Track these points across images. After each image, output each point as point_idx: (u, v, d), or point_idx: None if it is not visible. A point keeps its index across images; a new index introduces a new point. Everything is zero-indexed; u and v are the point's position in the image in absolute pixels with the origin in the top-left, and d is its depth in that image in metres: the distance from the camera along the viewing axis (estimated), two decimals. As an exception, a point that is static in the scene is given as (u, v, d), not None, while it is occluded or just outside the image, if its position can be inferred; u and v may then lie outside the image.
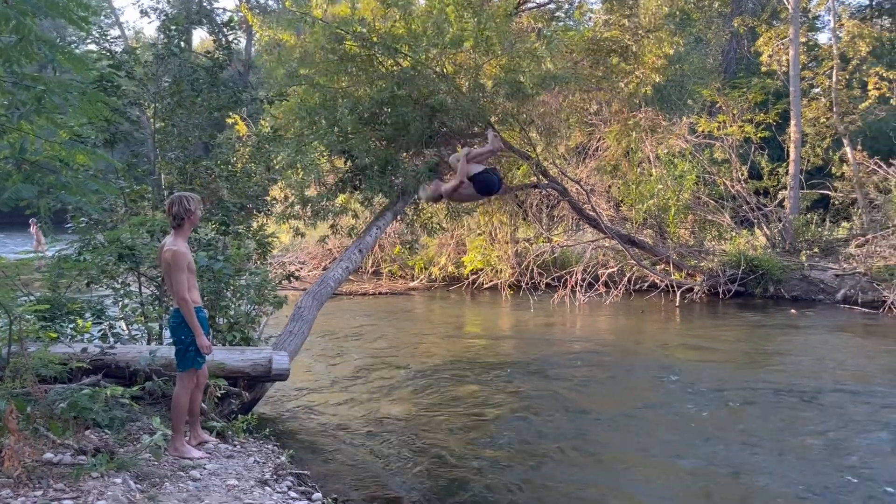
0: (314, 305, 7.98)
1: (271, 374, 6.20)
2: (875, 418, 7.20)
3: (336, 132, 10.61)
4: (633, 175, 16.60)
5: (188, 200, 5.06)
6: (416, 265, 18.27)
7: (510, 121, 12.33)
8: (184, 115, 7.75)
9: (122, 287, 6.97)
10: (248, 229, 8.02)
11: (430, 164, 10.77)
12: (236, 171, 7.99)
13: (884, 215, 16.42)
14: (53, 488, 3.97)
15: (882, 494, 5.34)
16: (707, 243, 17.53)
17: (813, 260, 16.46)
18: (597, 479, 5.74)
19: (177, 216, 5.00)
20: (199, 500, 4.24)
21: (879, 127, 22.12)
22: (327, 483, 5.36)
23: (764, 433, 6.77)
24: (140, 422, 5.30)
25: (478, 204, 14.12)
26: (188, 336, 4.94)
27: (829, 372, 9.19)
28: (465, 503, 5.19)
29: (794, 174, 18.71)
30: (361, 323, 12.94)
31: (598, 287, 15.34)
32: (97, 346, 5.83)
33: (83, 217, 7.07)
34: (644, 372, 9.32)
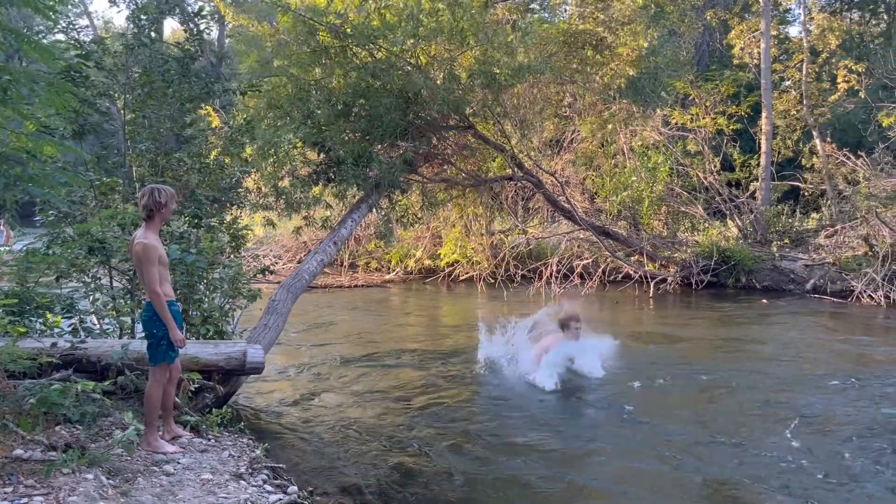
0: (289, 298, 7.94)
1: (246, 368, 6.16)
2: (841, 409, 7.34)
3: (310, 124, 10.54)
4: (608, 167, 16.72)
5: (159, 193, 4.98)
6: (393, 258, 18.24)
7: (485, 112, 12.34)
8: (155, 107, 7.65)
9: (92, 281, 6.87)
10: (221, 222, 7.95)
11: (405, 155, 10.74)
12: (209, 164, 7.90)
13: (852, 206, 16.69)
14: (24, 484, 3.92)
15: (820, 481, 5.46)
16: (680, 234, 17.73)
17: (784, 250, 16.71)
18: (556, 470, 5.79)
19: (146, 208, 4.92)
20: (173, 494, 4.20)
21: (848, 119, 22.48)
22: (303, 476, 5.34)
23: (727, 421, 6.87)
24: (112, 417, 5.24)
25: (452, 196, 14.16)
26: (160, 330, 4.89)
27: (795, 361, 9.34)
28: (440, 493, 5.21)
29: (766, 166, 18.94)
30: (337, 316, 12.90)
31: (573, 278, 15.46)
32: (67, 341, 5.75)
33: (52, 210, 6.95)
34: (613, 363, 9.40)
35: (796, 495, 5.13)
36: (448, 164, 13.13)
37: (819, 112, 20.81)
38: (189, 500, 4.14)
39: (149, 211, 4.94)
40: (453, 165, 13.18)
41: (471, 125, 12.45)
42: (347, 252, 18.50)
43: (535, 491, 5.32)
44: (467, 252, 17.09)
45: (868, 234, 14.92)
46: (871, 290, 13.89)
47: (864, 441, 6.27)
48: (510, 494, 5.28)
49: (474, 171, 13.84)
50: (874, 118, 19.18)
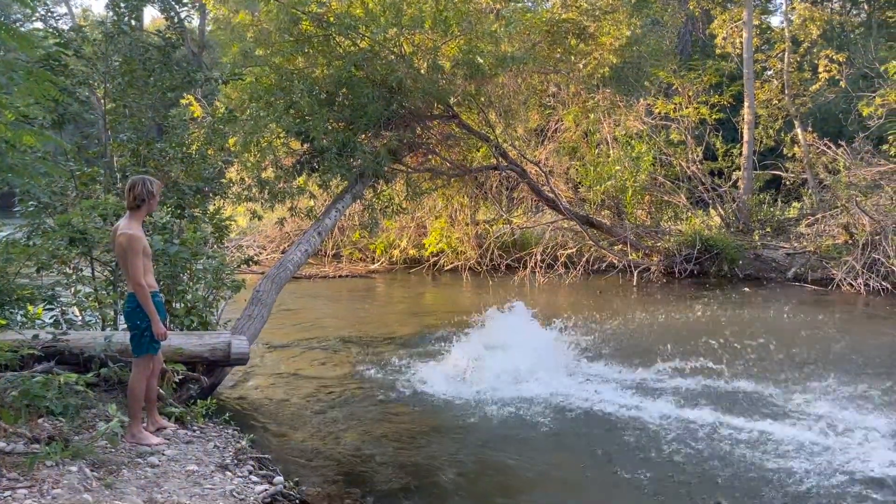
0: (273, 289, 7.91)
1: (230, 359, 6.14)
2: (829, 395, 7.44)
3: (293, 113, 10.47)
4: (591, 156, 16.77)
5: (151, 183, 4.98)
6: (377, 248, 18.21)
7: (469, 102, 12.32)
8: (136, 96, 7.57)
9: (74, 272, 6.81)
10: (204, 212, 7.90)
11: (389, 145, 10.71)
12: (191, 153, 7.84)
13: (832, 195, 16.85)
14: (7, 477, 3.89)
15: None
16: (663, 224, 17.83)
17: (765, 239, 16.86)
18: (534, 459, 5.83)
19: (138, 197, 4.89)
20: (158, 486, 4.19)
21: (829, 109, 22.67)
22: (288, 466, 5.34)
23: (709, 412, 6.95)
24: (95, 409, 5.20)
25: (436, 186, 14.15)
26: (143, 321, 4.86)
27: (774, 347, 9.43)
28: (425, 480, 5.23)
29: (748, 155, 19.07)
30: (321, 306, 12.88)
31: (558, 268, 15.50)
32: (49, 333, 5.69)
33: (32, 201, 6.87)
34: (605, 350, 9.45)
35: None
36: (432, 153, 13.12)
37: (800, 102, 20.98)
38: (174, 492, 4.13)
39: (140, 201, 4.90)
40: (437, 155, 13.17)
41: (455, 115, 12.43)
42: (332, 242, 18.43)
43: (526, 477, 5.36)
44: (452, 242, 17.09)
45: (848, 223, 15.08)
46: (851, 278, 14.05)
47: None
48: (498, 480, 5.32)
49: (459, 161, 13.83)
50: (854, 107, 19.35)
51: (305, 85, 10.62)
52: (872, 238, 14.31)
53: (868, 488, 5.10)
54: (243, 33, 12.25)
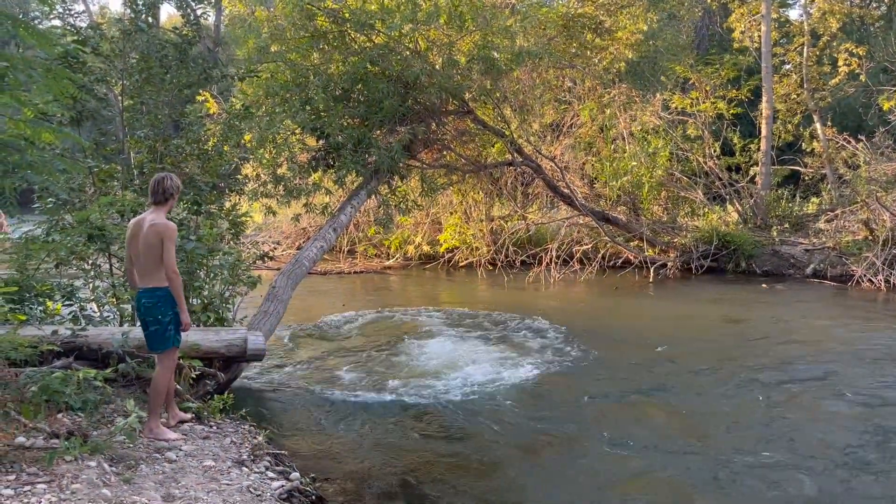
0: (289, 285, 7.94)
1: (247, 355, 6.16)
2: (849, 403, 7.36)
3: (308, 110, 10.49)
4: (607, 152, 16.67)
5: (177, 179, 5.07)
6: (392, 244, 18.22)
7: (484, 97, 12.28)
8: (152, 93, 7.60)
9: (92, 268, 6.85)
10: (220, 209, 7.92)
11: (404, 141, 10.69)
12: (207, 150, 7.87)
13: (852, 190, 16.66)
14: (27, 472, 3.92)
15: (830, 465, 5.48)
16: (680, 219, 17.69)
17: (784, 235, 16.70)
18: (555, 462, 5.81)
19: (167, 191, 4.94)
20: (176, 481, 4.21)
21: (849, 103, 22.41)
22: (304, 462, 5.35)
23: (727, 409, 6.89)
24: (114, 404, 5.23)
25: (451, 182, 14.14)
26: (166, 315, 4.87)
27: (795, 347, 9.35)
28: (443, 477, 5.22)
29: (766, 150, 18.89)
30: (337, 301, 12.90)
31: (573, 264, 15.43)
32: (68, 329, 5.73)
33: (51, 197, 6.93)
34: (614, 347, 9.40)
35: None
36: (447, 149, 13.09)
37: (820, 96, 20.74)
38: (191, 487, 4.14)
39: (169, 195, 4.96)
40: (452, 151, 13.14)
41: (470, 110, 12.40)
42: (346, 238, 18.48)
43: (547, 477, 5.34)
44: (467, 238, 17.07)
45: (868, 219, 14.90)
46: (871, 275, 13.89)
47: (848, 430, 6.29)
48: (515, 478, 5.30)
49: (473, 157, 13.80)
50: (875, 102, 19.13)
51: (321, 81, 10.63)
52: (893, 234, 14.13)
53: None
54: (259, 29, 12.28)
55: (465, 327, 10.47)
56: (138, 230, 4.92)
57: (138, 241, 4.90)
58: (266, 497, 4.21)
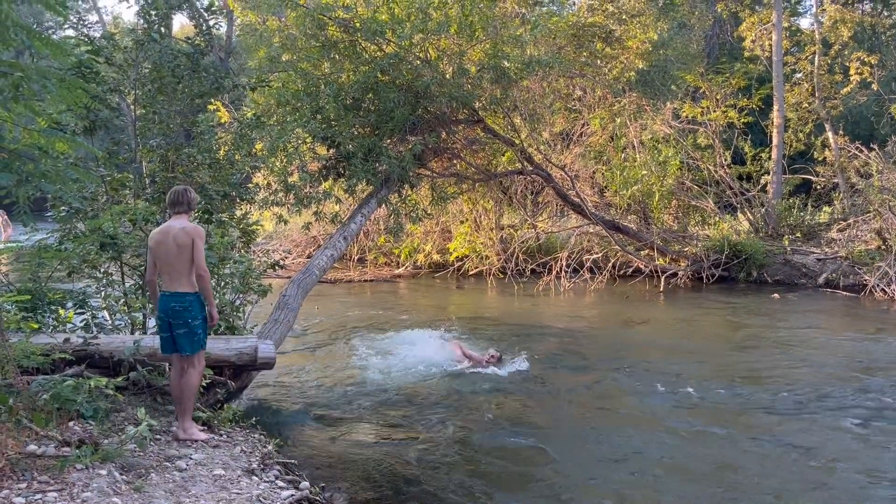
0: (299, 293, 7.95)
1: (257, 363, 6.17)
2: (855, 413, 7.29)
3: (319, 119, 10.53)
4: (618, 161, 16.64)
5: (195, 193, 5.40)
6: (402, 252, 18.23)
7: (494, 106, 12.29)
8: (165, 102, 7.64)
9: (104, 276, 6.88)
10: (231, 217, 7.95)
11: (414, 150, 10.70)
12: (219, 159, 7.90)
13: (864, 200, 16.55)
14: (38, 480, 3.93)
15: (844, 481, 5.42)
16: (691, 228, 17.64)
17: (795, 244, 16.60)
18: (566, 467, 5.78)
19: (191, 201, 5.26)
20: (186, 490, 4.21)
21: (860, 112, 22.32)
22: (314, 471, 5.35)
23: (736, 424, 6.84)
24: (125, 412, 5.26)
25: (461, 191, 14.15)
26: (197, 318, 5.06)
27: (805, 359, 9.28)
28: (449, 488, 5.20)
29: (777, 159, 18.82)
30: (347, 310, 12.91)
31: (583, 273, 15.39)
32: (80, 337, 5.76)
33: (63, 206, 6.97)
34: (628, 358, 9.36)
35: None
36: (457, 158, 13.10)
37: (831, 104, 20.66)
38: (202, 496, 4.14)
39: (190, 205, 5.25)
40: (463, 160, 13.15)
41: (480, 119, 12.41)
42: (357, 246, 18.50)
43: (549, 480, 5.31)
44: (477, 246, 17.06)
45: (881, 228, 14.80)
46: (885, 284, 13.79)
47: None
48: (524, 485, 5.27)
49: (484, 166, 13.81)
50: (887, 110, 19.04)
51: (332, 90, 10.67)
52: (906, 243, 14.03)
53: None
54: (270, 39, 12.35)
55: (474, 336, 10.46)
56: (165, 237, 5.09)
57: (166, 247, 5.06)
58: (276, 506, 4.21)
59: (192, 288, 5.08)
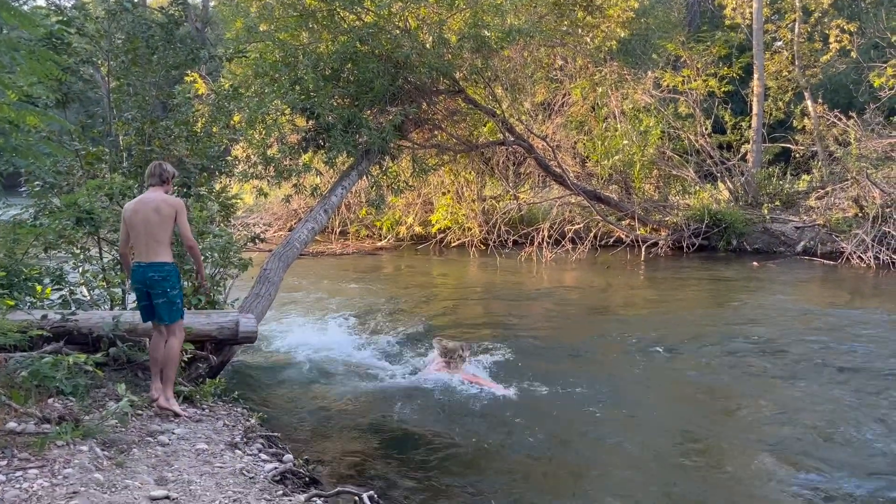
0: (280, 267, 7.90)
1: (238, 337, 6.14)
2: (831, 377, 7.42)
3: (298, 90, 10.38)
4: (599, 131, 16.63)
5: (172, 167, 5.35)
6: (384, 225, 18.18)
7: (475, 76, 12.19)
8: (139, 74, 7.50)
9: (81, 252, 6.79)
10: (210, 191, 7.86)
11: (395, 121, 10.61)
12: (196, 132, 7.78)
13: (842, 168, 16.69)
14: (18, 458, 3.91)
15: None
16: (671, 198, 17.73)
17: (774, 213, 16.75)
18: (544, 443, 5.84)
19: (165, 172, 5.18)
20: (169, 464, 4.21)
21: (839, 80, 22.39)
22: (297, 445, 5.37)
23: (717, 389, 6.94)
24: (105, 388, 5.22)
25: (443, 162, 14.08)
26: (175, 287, 5.06)
27: (783, 324, 9.41)
28: (429, 461, 5.25)
29: (757, 128, 18.88)
30: (329, 283, 12.89)
31: (565, 243, 15.44)
32: (58, 313, 5.70)
33: (37, 181, 6.85)
34: (607, 326, 9.45)
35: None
36: (438, 129, 13.02)
37: (811, 73, 20.69)
38: (184, 470, 4.14)
39: (167, 177, 5.20)
40: (444, 131, 13.07)
41: (461, 89, 12.32)
42: (338, 219, 18.43)
43: (535, 462, 5.38)
44: (459, 218, 17.04)
45: (858, 196, 14.95)
46: (861, 252, 13.97)
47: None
48: (503, 462, 5.33)
49: (465, 137, 13.74)
50: (865, 78, 19.10)
51: (310, 60, 10.52)
52: (883, 211, 14.20)
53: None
54: (247, 9, 12.13)
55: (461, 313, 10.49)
56: (143, 206, 5.05)
57: (145, 216, 5.02)
58: (259, 479, 4.22)
59: (169, 258, 5.07)
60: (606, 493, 4.77)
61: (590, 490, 4.83)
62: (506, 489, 4.79)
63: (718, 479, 5.02)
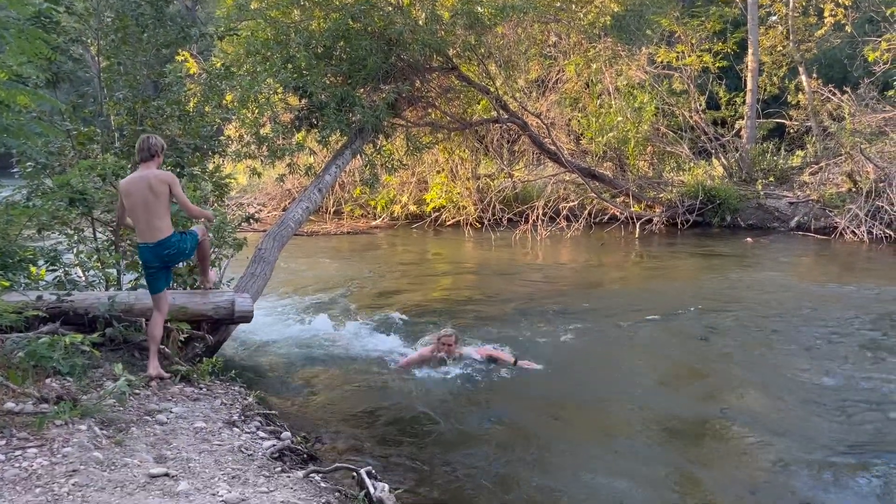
0: (275, 246, 7.89)
1: (234, 317, 6.15)
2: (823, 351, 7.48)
3: (290, 68, 10.30)
4: (593, 108, 16.57)
5: (160, 139, 5.43)
6: (378, 204, 18.15)
7: (469, 53, 12.11)
8: (130, 53, 7.42)
9: (75, 233, 6.77)
10: (203, 171, 7.82)
11: (388, 99, 10.55)
12: (188, 111, 7.73)
13: (836, 143, 16.70)
14: (17, 437, 3.92)
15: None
16: (666, 175, 17.72)
17: (769, 189, 16.78)
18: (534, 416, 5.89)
19: (153, 147, 5.25)
20: (167, 443, 4.23)
21: (834, 54, 22.30)
22: (295, 422, 5.39)
23: (714, 365, 7.00)
24: (102, 369, 5.23)
25: (437, 140, 14.04)
26: (187, 249, 5.46)
27: (774, 299, 9.45)
28: (424, 438, 5.28)
29: (751, 104, 18.85)
30: (324, 263, 12.89)
31: (560, 221, 15.46)
32: (53, 294, 5.69)
33: (29, 161, 6.79)
34: (601, 303, 9.48)
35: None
36: (432, 107, 12.95)
37: (805, 47, 20.63)
38: (183, 448, 4.17)
39: (155, 152, 5.26)
40: (437, 109, 13.01)
41: (454, 67, 12.25)
42: (332, 199, 18.38)
43: (527, 437, 5.42)
44: (453, 197, 17.01)
45: (852, 170, 14.98)
46: (855, 226, 14.02)
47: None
48: (496, 437, 5.37)
49: (459, 115, 13.67)
50: (860, 53, 19.04)
51: (302, 38, 10.43)
52: (876, 185, 14.24)
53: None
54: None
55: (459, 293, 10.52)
56: (135, 188, 5.16)
57: (142, 199, 5.14)
58: (258, 456, 4.25)
59: (170, 230, 5.24)
60: (598, 467, 4.82)
61: (582, 464, 4.88)
62: (498, 463, 4.83)
63: (705, 450, 5.08)
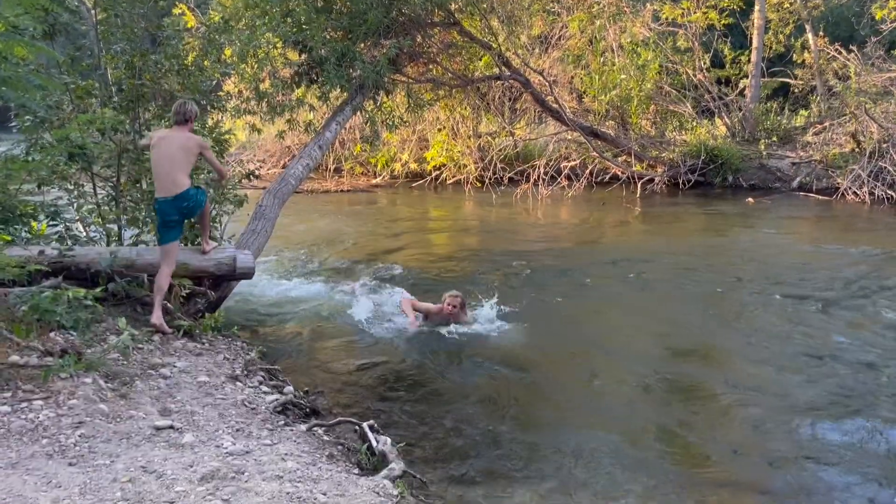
0: (276, 203, 7.86)
1: (236, 273, 6.17)
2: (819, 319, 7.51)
3: (289, 22, 10.14)
4: (596, 65, 16.36)
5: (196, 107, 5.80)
6: (378, 162, 18.04)
7: (471, 8, 11.92)
8: (127, 5, 7.29)
9: (75, 188, 6.74)
10: (203, 126, 7.74)
11: (389, 54, 10.40)
12: (187, 65, 7.62)
13: (841, 102, 16.54)
14: (22, 389, 3.96)
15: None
16: (668, 134, 17.58)
17: (771, 149, 16.66)
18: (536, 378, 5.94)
19: (188, 112, 5.62)
20: (171, 396, 4.27)
21: (841, 12, 21.94)
22: (298, 377, 5.45)
23: (708, 325, 7.04)
24: (105, 323, 5.25)
25: (438, 97, 13.90)
26: (202, 203, 5.70)
27: (773, 259, 9.47)
28: (424, 394, 5.34)
29: (756, 62, 18.59)
30: (324, 220, 12.87)
31: (561, 180, 15.39)
32: (55, 249, 5.69)
33: (28, 115, 6.72)
34: (599, 263, 9.49)
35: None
36: (434, 63, 12.78)
37: (813, 4, 20.28)
38: (187, 402, 4.21)
39: (189, 116, 5.63)
40: (439, 65, 12.84)
41: (456, 21, 12.06)
42: (332, 156, 18.26)
43: (520, 393, 5.48)
44: (454, 155, 16.91)
45: (856, 130, 14.86)
46: (857, 187, 13.97)
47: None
48: (491, 392, 5.42)
49: (460, 71, 13.50)
50: (868, 11, 18.74)
51: (302, -9, 10.24)
52: (880, 146, 14.14)
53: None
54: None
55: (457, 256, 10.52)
56: (164, 141, 5.50)
57: (168, 154, 5.45)
58: (261, 410, 4.30)
59: (188, 184, 5.49)
60: (586, 423, 4.89)
61: (571, 421, 4.94)
62: (492, 419, 4.89)
63: (690, 409, 5.14)
